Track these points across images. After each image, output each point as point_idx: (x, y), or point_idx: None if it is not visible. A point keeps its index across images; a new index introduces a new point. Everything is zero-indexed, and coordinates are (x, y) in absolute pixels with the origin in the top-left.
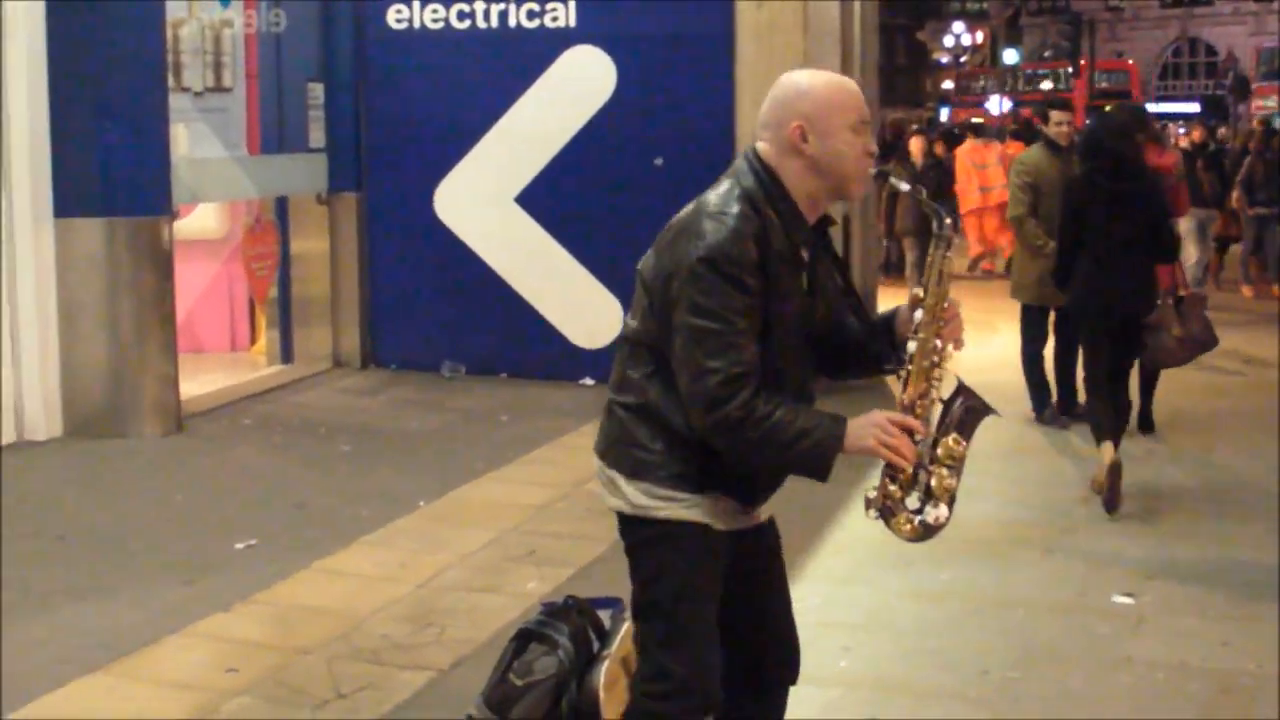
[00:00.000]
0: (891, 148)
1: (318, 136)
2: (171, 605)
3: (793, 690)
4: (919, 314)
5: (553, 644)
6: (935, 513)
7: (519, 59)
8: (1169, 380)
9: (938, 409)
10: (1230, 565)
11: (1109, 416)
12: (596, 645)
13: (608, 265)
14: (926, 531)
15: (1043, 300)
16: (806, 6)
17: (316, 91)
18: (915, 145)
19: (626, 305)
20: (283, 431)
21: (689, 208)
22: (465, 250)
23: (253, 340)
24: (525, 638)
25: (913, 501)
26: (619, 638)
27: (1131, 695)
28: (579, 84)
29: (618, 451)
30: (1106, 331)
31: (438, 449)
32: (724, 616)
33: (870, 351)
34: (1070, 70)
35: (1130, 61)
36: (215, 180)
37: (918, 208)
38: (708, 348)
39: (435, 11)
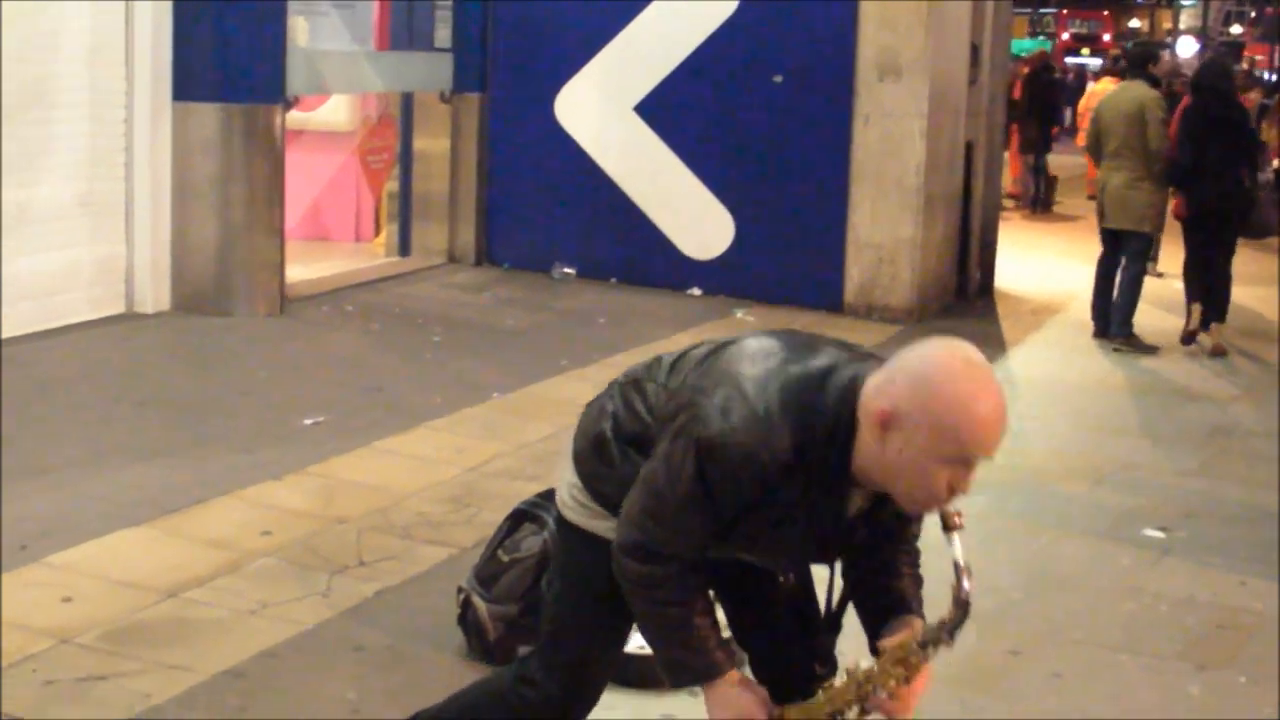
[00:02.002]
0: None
1: (444, 36)
2: (227, 471)
3: None
4: (876, 666)
5: (542, 524)
6: None
7: None
8: None
9: None
10: (1275, 511)
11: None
12: None
13: (722, 178)
14: None
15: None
16: None
17: None
18: None
19: (738, 218)
20: (381, 319)
21: (753, 363)
22: (583, 156)
23: (376, 232)
24: (518, 518)
25: None
26: None
27: (1127, 623)
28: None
29: (580, 435)
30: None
31: (528, 345)
32: (738, 630)
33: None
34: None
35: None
36: (338, 73)
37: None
38: (651, 507)
39: None
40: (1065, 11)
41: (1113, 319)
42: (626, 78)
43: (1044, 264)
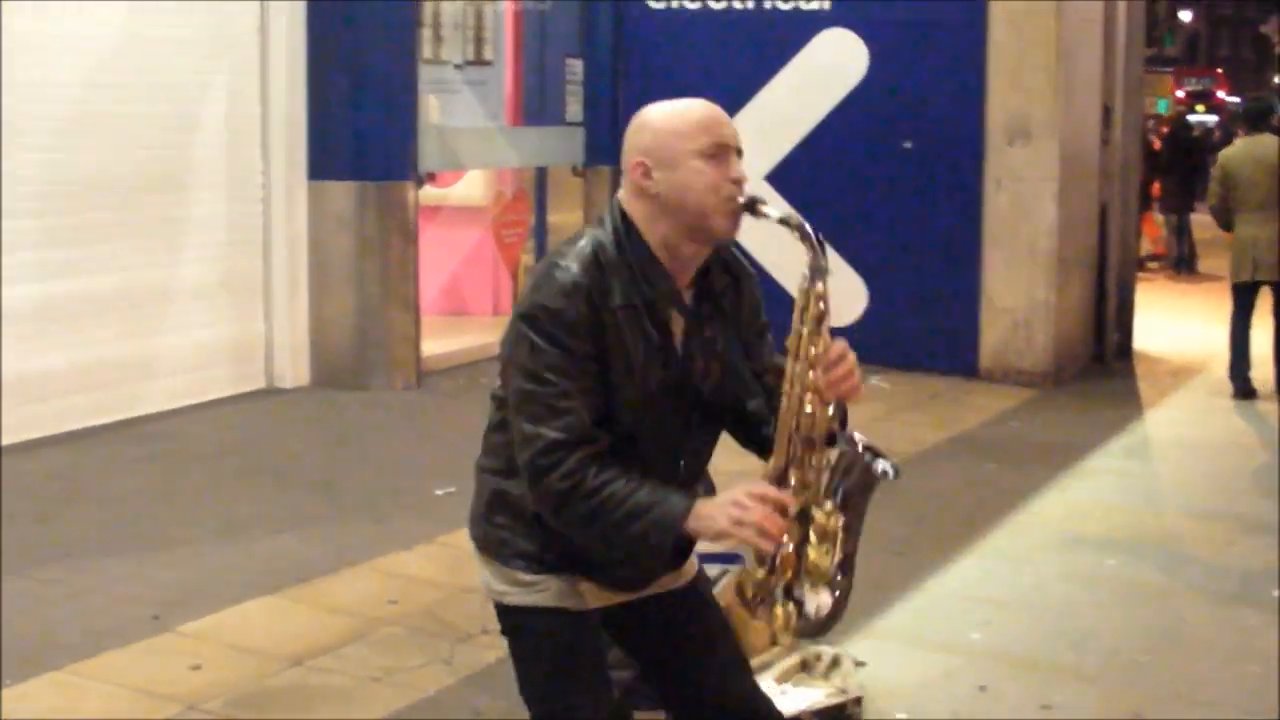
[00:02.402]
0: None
1: (575, 110)
2: (358, 541)
3: (914, 654)
4: (788, 362)
5: None
6: (816, 601)
7: (773, 40)
8: None
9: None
10: None
11: None
12: None
13: (853, 243)
14: (809, 625)
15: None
16: None
17: (576, 67)
18: None
19: (871, 284)
20: None
21: (547, 255)
22: None
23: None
24: None
25: (794, 589)
26: (720, 588)
27: (1251, 687)
28: (831, 66)
29: (474, 522)
30: None
31: None
32: (661, 687)
33: (764, 434)
34: None
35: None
36: (471, 148)
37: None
38: (529, 412)
39: None
40: (1180, 69)
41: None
42: (758, 147)
43: (1185, 325)
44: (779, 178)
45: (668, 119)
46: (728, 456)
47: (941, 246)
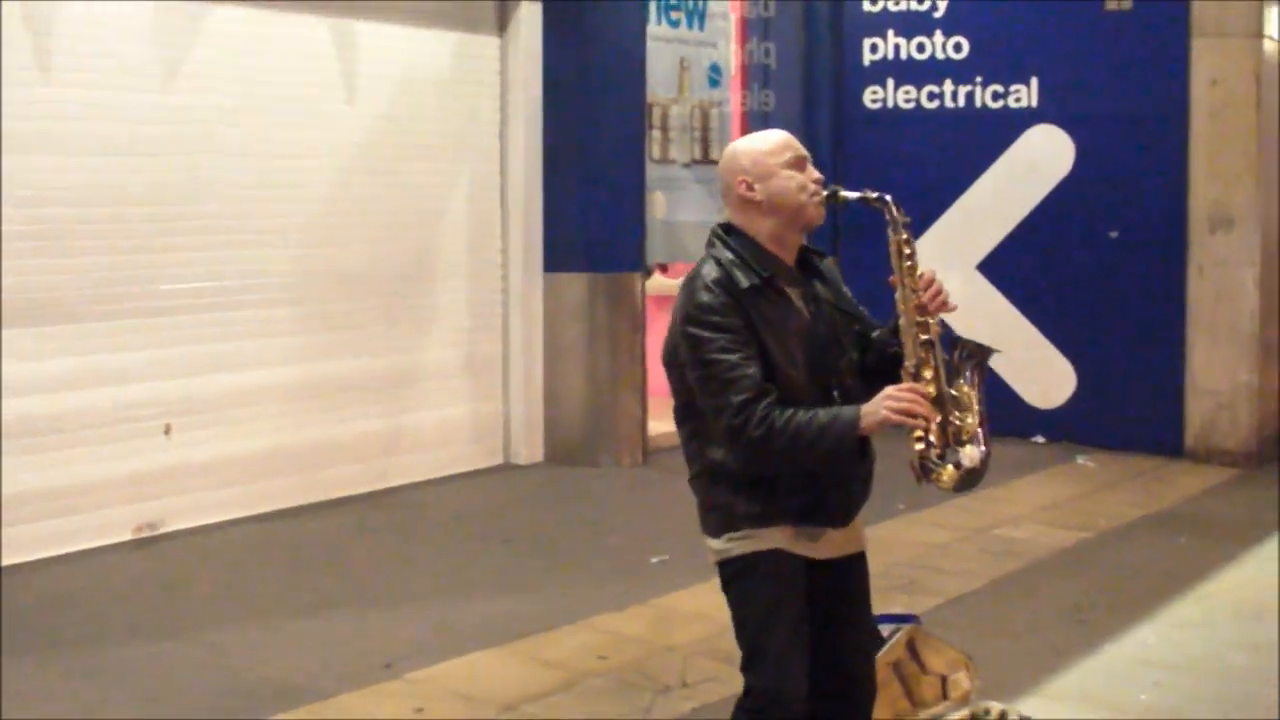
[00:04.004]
0: None
1: None
2: (576, 602)
3: (1082, 712)
4: (897, 294)
5: None
6: (968, 453)
7: (983, 137)
8: None
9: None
10: None
11: None
12: None
13: (1061, 329)
14: (967, 476)
15: None
16: (1260, 85)
17: None
18: None
19: (1079, 367)
20: None
21: (685, 278)
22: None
23: None
24: None
25: (948, 453)
26: (890, 644)
27: None
28: (1039, 160)
29: (703, 519)
30: None
31: (872, 492)
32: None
33: (890, 352)
34: None
35: None
36: (697, 240)
37: None
38: (713, 389)
39: (907, 93)
40: None
41: None
42: (968, 239)
43: None
44: (990, 267)
45: (756, 145)
46: None
47: (1147, 331)
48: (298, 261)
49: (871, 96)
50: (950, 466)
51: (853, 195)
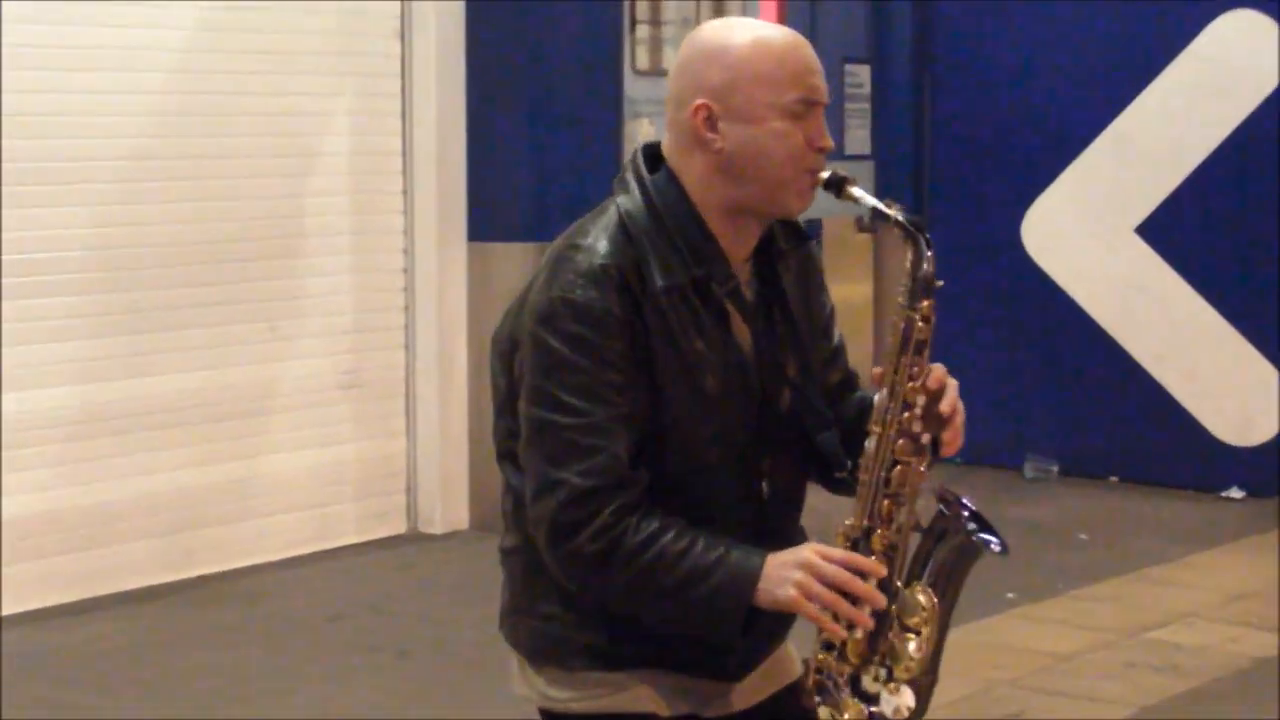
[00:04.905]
0: None
1: (860, 139)
2: None
3: None
4: (879, 396)
5: None
6: (895, 701)
7: (1144, 31)
8: None
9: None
10: None
11: None
12: None
13: (1270, 324)
14: None
15: None
16: None
17: (859, 76)
18: None
19: None
20: None
21: (560, 237)
22: (1062, 299)
23: None
24: None
25: (868, 681)
26: None
27: None
28: (1230, 67)
29: (511, 622)
30: None
31: (972, 572)
32: None
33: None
34: None
35: None
36: None
37: None
38: (549, 450)
39: None
40: None
41: None
42: (1123, 188)
43: None
44: (1156, 230)
45: (750, 55)
46: None
47: None
48: (90, 232)
49: None
50: (858, 703)
51: (867, 200)
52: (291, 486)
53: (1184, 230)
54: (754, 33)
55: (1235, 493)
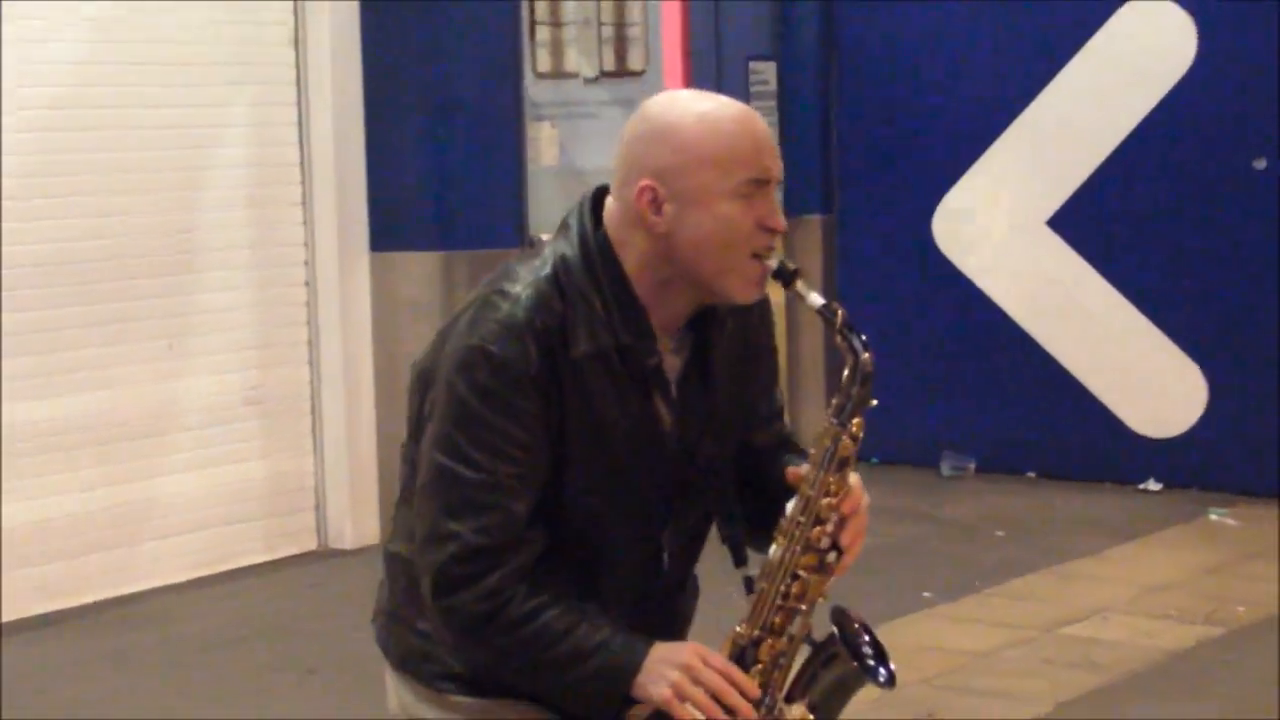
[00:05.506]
0: None
1: None
2: None
3: None
4: (790, 506)
5: None
6: None
7: (1053, 22)
8: None
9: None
10: None
11: None
12: None
13: (1184, 318)
14: None
15: None
16: None
17: (765, 74)
18: None
19: (1212, 375)
20: None
21: (493, 274)
22: (975, 294)
23: None
24: None
25: None
26: None
27: None
28: (1140, 56)
29: (384, 625)
30: None
31: (885, 569)
32: None
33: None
34: None
35: None
36: None
37: None
38: (446, 500)
39: None
40: None
41: None
42: (1035, 178)
43: None
44: (1066, 221)
45: (699, 137)
46: None
47: None
48: None
49: None
50: None
51: (815, 299)
52: (196, 506)
53: (1099, 223)
54: (704, 111)
55: (1152, 485)
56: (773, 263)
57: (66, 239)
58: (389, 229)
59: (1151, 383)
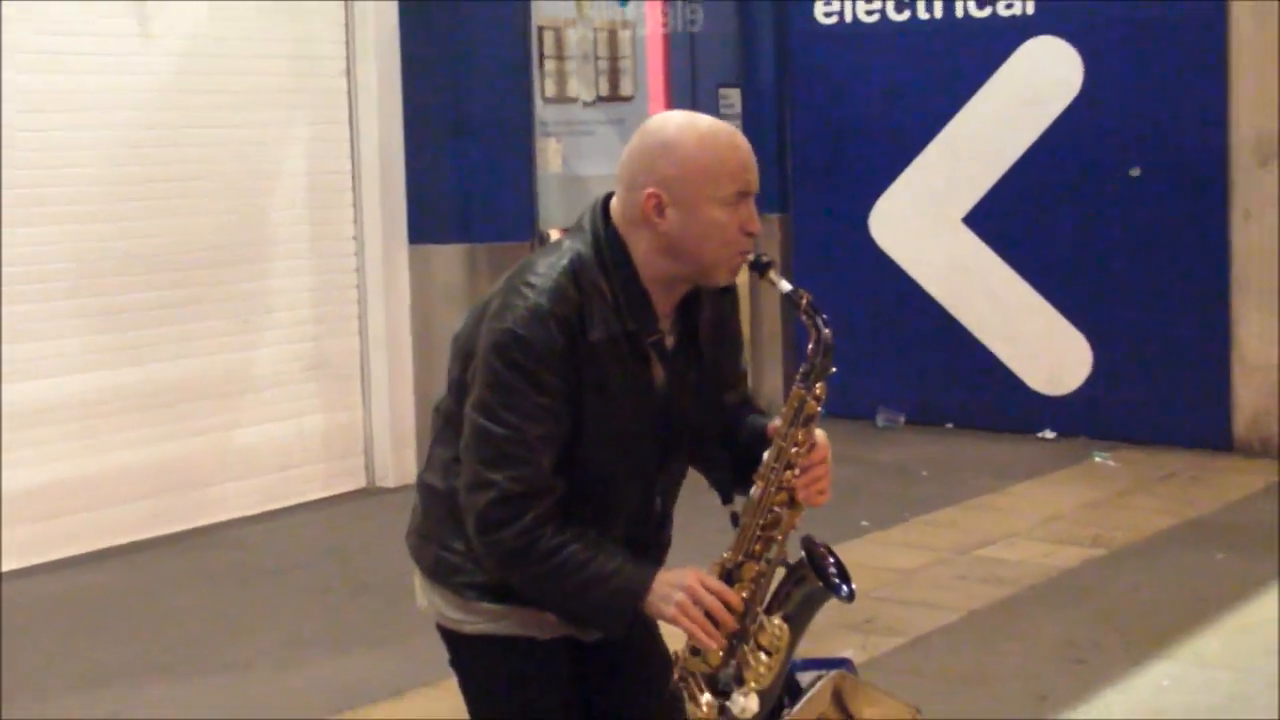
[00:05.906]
0: None
1: None
2: (430, 662)
3: None
4: (767, 454)
5: None
6: (742, 703)
7: (967, 55)
8: None
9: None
10: None
11: None
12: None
13: (1074, 296)
14: None
15: None
16: None
17: (731, 99)
18: None
19: (1096, 342)
20: None
21: (518, 266)
22: (905, 280)
23: None
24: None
25: (722, 681)
26: (808, 698)
27: None
28: (1038, 82)
29: (417, 542)
30: None
31: (834, 505)
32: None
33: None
34: None
35: None
36: None
37: None
38: (486, 455)
39: (870, 2)
40: None
41: None
42: (952, 184)
43: None
44: (979, 219)
45: (698, 152)
46: None
47: (1180, 294)
48: (75, 241)
49: (825, 9)
50: (710, 697)
51: (785, 286)
52: (265, 453)
53: (1004, 219)
54: (702, 133)
55: (1048, 434)
56: (751, 256)
57: (160, 235)
58: (424, 225)
59: (1047, 349)
